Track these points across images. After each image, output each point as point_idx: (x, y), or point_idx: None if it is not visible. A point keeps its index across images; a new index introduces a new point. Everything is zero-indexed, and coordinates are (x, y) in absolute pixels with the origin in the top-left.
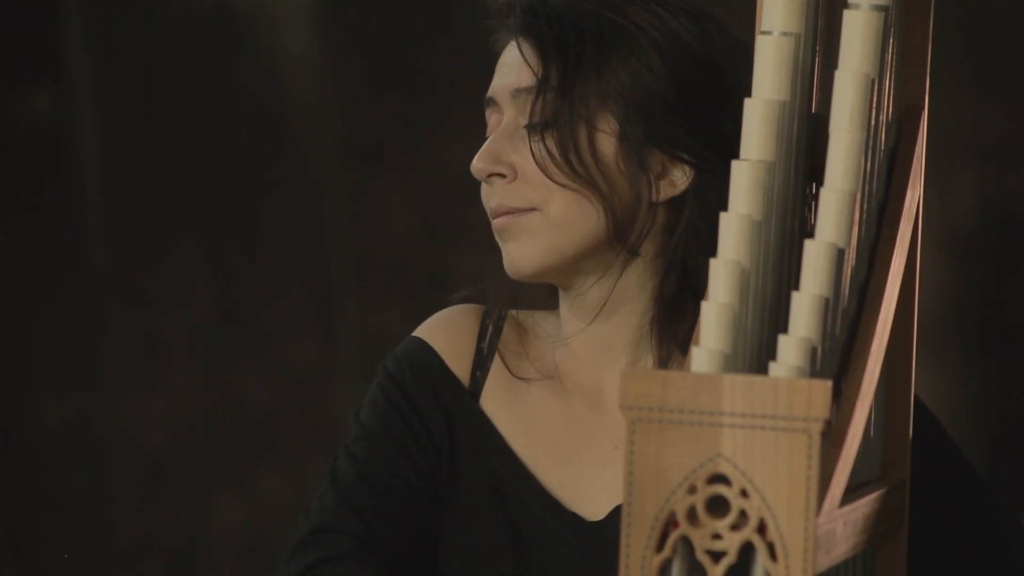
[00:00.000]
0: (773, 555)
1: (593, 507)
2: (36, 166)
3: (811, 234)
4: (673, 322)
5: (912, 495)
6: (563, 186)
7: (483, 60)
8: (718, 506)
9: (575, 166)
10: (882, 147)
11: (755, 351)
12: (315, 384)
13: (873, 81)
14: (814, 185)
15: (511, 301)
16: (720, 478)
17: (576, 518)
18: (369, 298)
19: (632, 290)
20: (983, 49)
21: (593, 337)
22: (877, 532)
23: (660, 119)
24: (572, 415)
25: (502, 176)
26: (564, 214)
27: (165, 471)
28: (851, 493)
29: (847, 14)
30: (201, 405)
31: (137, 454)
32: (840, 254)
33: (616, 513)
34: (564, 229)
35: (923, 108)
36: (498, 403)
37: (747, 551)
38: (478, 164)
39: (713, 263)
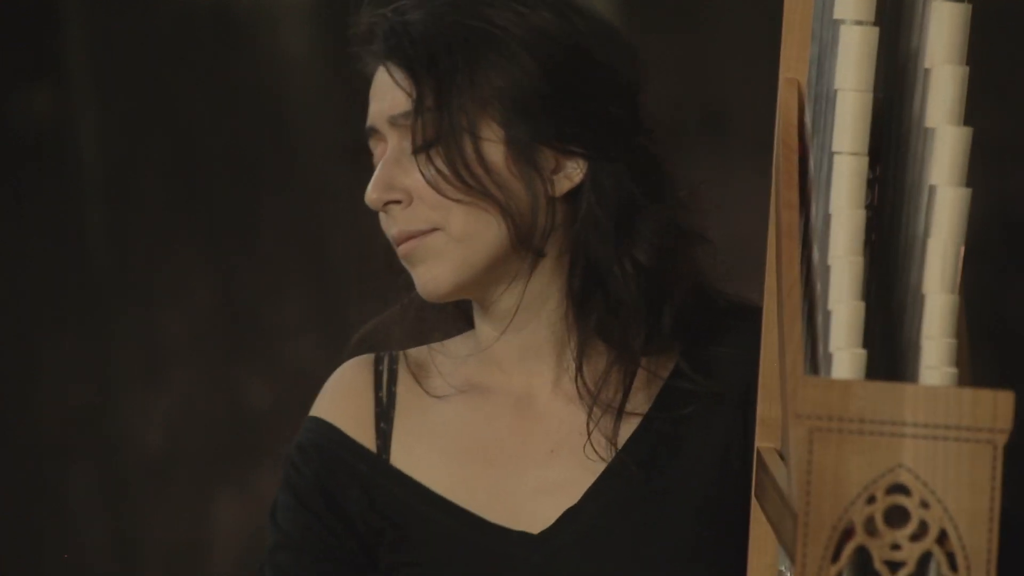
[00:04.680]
0: (953, 566)
1: (538, 516)
2: (36, 166)
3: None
4: (585, 312)
5: None
6: (458, 201)
7: None
8: (896, 516)
9: (466, 179)
10: None
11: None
12: (315, 384)
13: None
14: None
15: (415, 332)
16: (900, 488)
17: (524, 536)
18: (369, 298)
19: (546, 291)
20: (983, 50)
21: (518, 345)
22: None
23: (542, 115)
24: (500, 426)
25: (398, 202)
26: (465, 229)
27: (165, 471)
28: None
29: (936, 6)
30: (201, 405)
31: (137, 454)
32: (961, 251)
33: (564, 518)
34: (469, 243)
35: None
36: (412, 451)
37: (921, 561)
38: (372, 194)
39: (836, 262)
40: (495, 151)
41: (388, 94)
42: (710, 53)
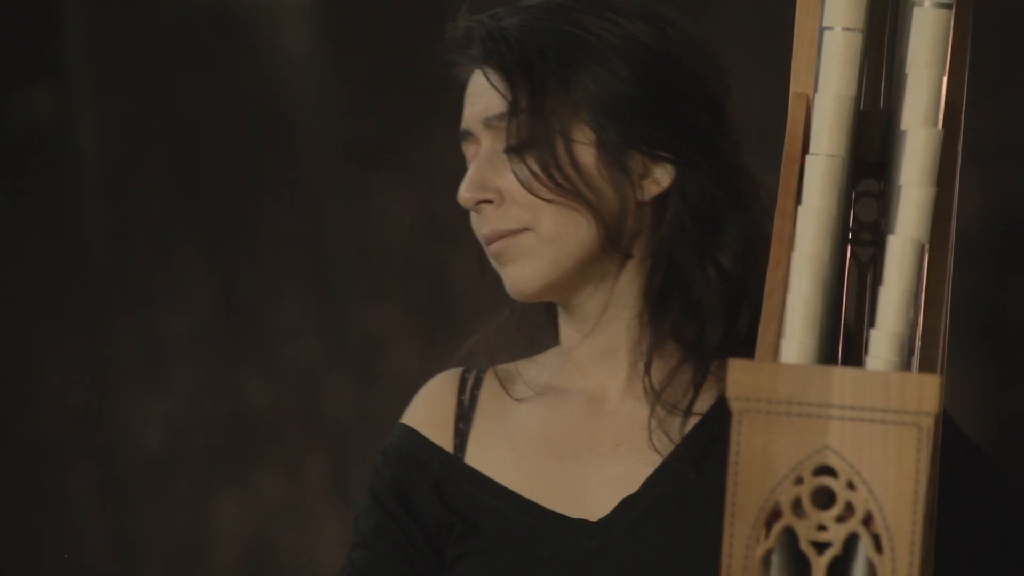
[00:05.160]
0: (879, 547)
1: (599, 505)
2: (36, 166)
3: (871, 230)
4: (661, 314)
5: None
6: (550, 202)
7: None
8: (822, 497)
9: (559, 180)
10: None
11: (825, 340)
12: (315, 384)
13: (943, 78)
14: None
15: (512, 348)
16: (827, 470)
17: (582, 523)
18: (369, 298)
19: (627, 292)
20: (982, 49)
21: (596, 346)
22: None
23: (633, 121)
24: (571, 424)
25: (490, 202)
26: (556, 229)
27: (165, 471)
28: None
29: (917, 12)
30: (201, 405)
31: (137, 454)
32: (922, 249)
33: (621, 506)
34: (559, 244)
35: (960, 109)
36: (486, 449)
37: (848, 541)
38: (465, 194)
39: (795, 257)
40: (586, 154)
41: (483, 97)
42: (713, 52)
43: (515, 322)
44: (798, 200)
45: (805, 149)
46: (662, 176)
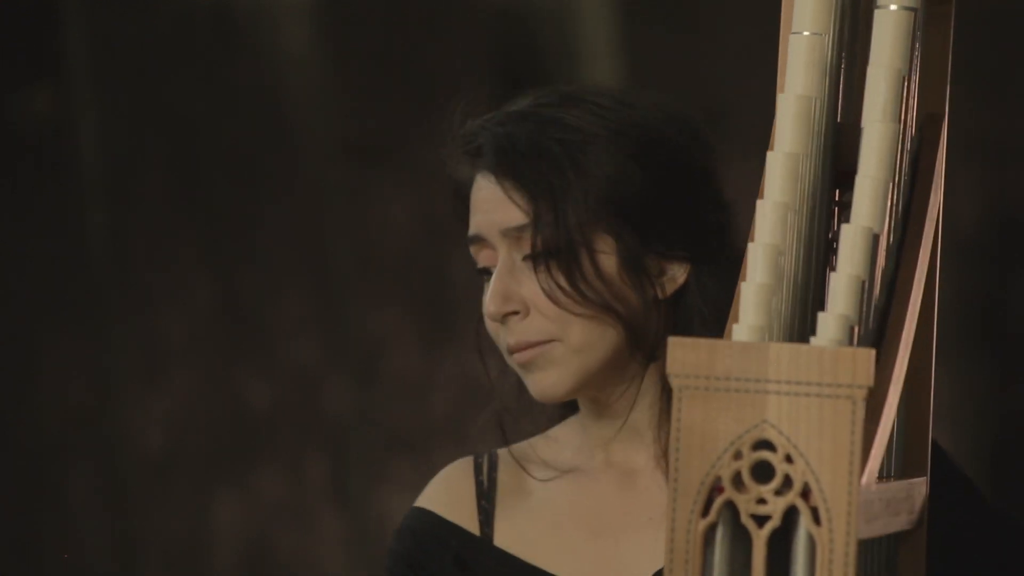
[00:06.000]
0: (817, 519)
1: None
2: (36, 166)
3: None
4: None
5: None
6: (579, 315)
7: (480, 60)
8: (763, 471)
9: (587, 294)
10: (906, 152)
11: (787, 331)
12: (315, 384)
13: (904, 77)
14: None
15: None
16: (765, 444)
17: None
18: (369, 298)
19: (650, 387)
20: (983, 49)
21: (623, 431)
22: (903, 520)
23: (649, 224)
24: (601, 500)
25: (516, 313)
26: (584, 339)
27: (165, 471)
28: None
29: (878, 13)
30: (201, 405)
31: (137, 454)
32: (875, 238)
33: None
34: (587, 352)
35: (943, 116)
36: (516, 528)
37: (790, 515)
38: (491, 307)
39: (751, 246)
40: (608, 263)
41: (499, 207)
42: (710, 53)
43: (521, 399)
44: None
45: None
46: (678, 273)
